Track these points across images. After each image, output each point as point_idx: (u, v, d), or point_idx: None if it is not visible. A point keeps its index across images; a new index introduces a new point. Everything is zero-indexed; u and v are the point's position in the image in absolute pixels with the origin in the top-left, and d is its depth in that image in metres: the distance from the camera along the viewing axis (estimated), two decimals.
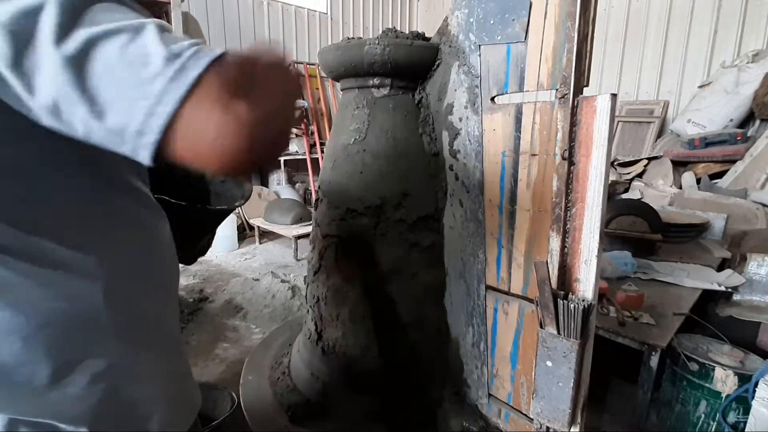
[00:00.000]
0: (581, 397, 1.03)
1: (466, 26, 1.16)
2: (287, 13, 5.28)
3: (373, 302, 1.43)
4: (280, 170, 5.06)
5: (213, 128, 0.38)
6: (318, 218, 1.55)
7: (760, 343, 1.72)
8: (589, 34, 0.94)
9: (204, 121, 0.39)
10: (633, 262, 2.06)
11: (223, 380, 2.00)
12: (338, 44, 1.34)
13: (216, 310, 2.81)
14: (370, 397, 1.45)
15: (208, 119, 0.38)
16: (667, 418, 1.66)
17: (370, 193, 1.37)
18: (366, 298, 1.43)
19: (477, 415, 1.39)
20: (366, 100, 1.38)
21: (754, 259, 1.89)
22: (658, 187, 3.59)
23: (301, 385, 1.58)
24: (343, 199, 1.42)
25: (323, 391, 1.52)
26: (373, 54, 1.26)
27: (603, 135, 0.92)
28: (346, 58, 1.33)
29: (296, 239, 3.83)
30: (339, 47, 1.34)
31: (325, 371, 1.53)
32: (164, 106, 0.38)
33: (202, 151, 0.40)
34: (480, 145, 1.20)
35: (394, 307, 1.42)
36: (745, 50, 3.76)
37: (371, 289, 1.42)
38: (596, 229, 0.96)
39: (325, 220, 1.49)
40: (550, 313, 0.99)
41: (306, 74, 5.19)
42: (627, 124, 4.44)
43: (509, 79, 1.09)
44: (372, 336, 1.45)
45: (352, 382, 1.47)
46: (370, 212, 1.38)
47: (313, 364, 1.58)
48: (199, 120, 0.39)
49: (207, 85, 0.39)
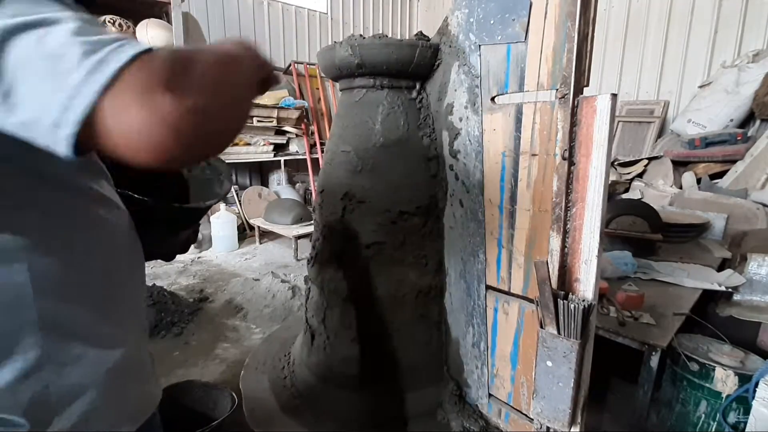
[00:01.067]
0: (581, 397, 1.03)
1: (466, 26, 1.16)
2: (287, 13, 5.28)
3: (372, 302, 1.43)
4: (281, 170, 5.06)
5: (136, 121, 0.37)
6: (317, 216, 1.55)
7: (760, 343, 1.72)
8: (590, 34, 0.94)
9: (126, 113, 0.37)
10: (633, 262, 2.05)
11: (223, 380, 2.00)
12: (328, 46, 1.37)
13: (216, 310, 2.81)
14: (370, 397, 1.45)
15: (130, 112, 0.37)
16: (667, 418, 1.65)
17: (367, 193, 1.38)
18: (364, 298, 1.43)
19: (477, 415, 1.39)
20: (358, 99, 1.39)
21: (755, 259, 1.89)
22: (658, 187, 3.59)
23: (302, 385, 1.58)
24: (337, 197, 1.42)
25: (324, 391, 1.52)
26: (344, 55, 1.29)
27: (603, 135, 0.92)
28: (328, 60, 1.36)
29: (296, 239, 3.83)
30: (326, 49, 1.36)
31: (325, 371, 1.53)
32: (81, 98, 0.37)
33: (126, 144, 0.39)
34: (480, 145, 1.20)
35: (394, 307, 1.42)
36: (746, 50, 3.76)
37: (370, 289, 1.42)
38: (596, 229, 0.96)
39: (322, 218, 1.49)
40: (550, 313, 0.99)
41: (306, 74, 5.19)
42: (627, 124, 4.44)
43: (509, 79, 1.09)
44: (371, 336, 1.45)
45: (352, 381, 1.47)
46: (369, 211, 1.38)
47: (312, 364, 1.58)
48: (120, 113, 0.37)
49: (128, 78, 0.38)
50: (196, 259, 3.87)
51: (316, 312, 1.57)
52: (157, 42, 3.69)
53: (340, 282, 1.46)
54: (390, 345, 1.44)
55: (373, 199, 1.37)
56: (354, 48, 1.26)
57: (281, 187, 5.04)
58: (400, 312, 1.42)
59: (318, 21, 5.62)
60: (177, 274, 3.49)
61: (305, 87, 5.16)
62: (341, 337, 1.48)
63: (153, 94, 0.38)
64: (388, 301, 1.41)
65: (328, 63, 1.36)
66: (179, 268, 3.60)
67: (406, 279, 1.40)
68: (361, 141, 1.38)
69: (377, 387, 1.46)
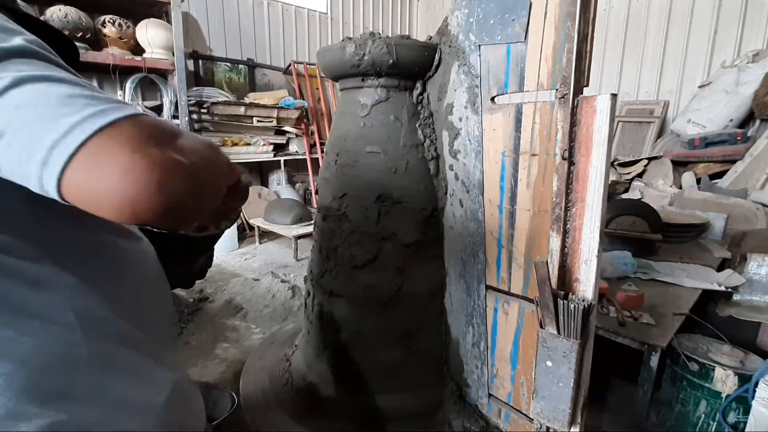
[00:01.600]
0: (581, 397, 1.03)
1: (466, 26, 1.16)
2: (287, 13, 5.27)
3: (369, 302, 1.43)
4: (280, 170, 5.06)
5: (120, 166, 0.38)
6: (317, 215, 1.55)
7: (760, 343, 1.72)
8: (589, 34, 0.94)
9: (110, 157, 0.38)
10: (633, 262, 2.06)
11: (223, 380, 2.00)
12: (328, 46, 1.36)
13: (216, 310, 2.81)
14: (370, 397, 1.45)
15: (115, 156, 0.38)
16: (667, 418, 1.66)
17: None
18: (362, 298, 1.43)
19: (477, 415, 1.39)
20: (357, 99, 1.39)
21: (754, 259, 1.89)
22: (658, 187, 3.59)
23: (302, 385, 1.58)
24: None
25: (324, 391, 1.52)
26: (352, 55, 1.28)
27: (603, 135, 0.92)
28: (329, 60, 1.36)
29: (296, 239, 3.83)
30: (327, 49, 1.36)
31: (325, 370, 1.53)
32: (72, 138, 0.37)
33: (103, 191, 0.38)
34: (480, 145, 1.20)
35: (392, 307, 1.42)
36: (745, 50, 3.76)
37: (368, 289, 1.42)
38: (596, 229, 0.96)
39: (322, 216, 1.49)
40: (550, 313, 0.99)
41: (306, 74, 5.19)
42: (627, 124, 4.44)
43: (509, 79, 1.09)
44: (368, 335, 1.45)
45: (352, 381, 1.47)
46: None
47: (313, 364, 1.58)
48: (105, 155, 0.38)
49: (122, 128, 0.39)
50: None
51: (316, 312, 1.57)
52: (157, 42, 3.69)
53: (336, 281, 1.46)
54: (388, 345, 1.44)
55: (410, 199, 1.37)
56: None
57: (281, 187, 5.04)
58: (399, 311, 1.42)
59: (318, 21, 5.62)
60: None
61: (305, 87, 5.16)
62: (338, 336, 1.48)
63: (144, 143, 0.39)
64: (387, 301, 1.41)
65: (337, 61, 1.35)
66: None
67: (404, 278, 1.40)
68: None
69: (377, 387, 1.46)
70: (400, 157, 1.37)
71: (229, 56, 4.78)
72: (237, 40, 4.86)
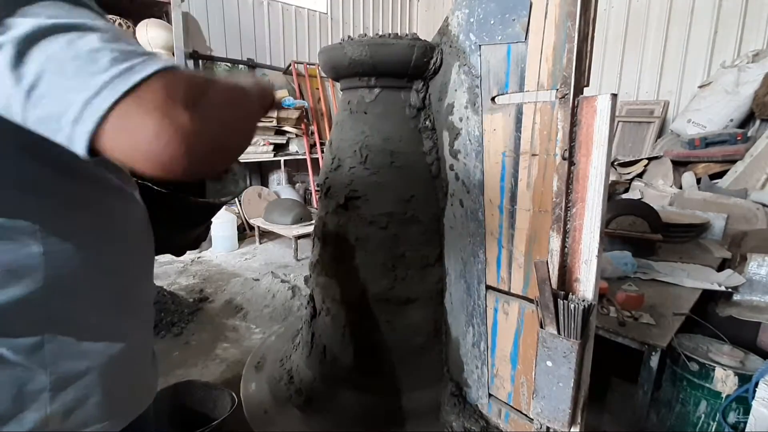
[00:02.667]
0: (581, 397, 1.03)
1: (467, 26, 1.16)
2: (287, 13, 5.28)
3: (369, 302, 1.43)
4: (280, 170, 5.06)
5: (150, 131, 0.39)
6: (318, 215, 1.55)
7: (760, 343, 1.71)
8: (590, 34, 0.94)
9: (141, 121, 0.39)
10: (633, 262, 2.05)
11: (223, 380, 2.00)
12: (329, 45, 1.37)
13: (216, 310, 2.81)
14: (370, 397, 1.45)
15: (145, 121, 0.39)
16: (667, 418, 1.66)
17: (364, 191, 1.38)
18: (361, 298, 1.43)
19: (477, 415, 1.39)
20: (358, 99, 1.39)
21: (754, 259, 1.89)
22: (658, 187, 3.59)
23: (302, 385, 1.58)
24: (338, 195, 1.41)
25: (324, 391, 1.52)
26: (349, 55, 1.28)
27: (603, 135, 0.92)
28: (330, 59, 1.36)
29: (296, 239, 3.83)
30: (327, 49, 1.36)
31: (324, 370, 1.53)
32: (102, 99, 0.38)
33: (137, 150, 0.40)
34: (480, 145, 1.20)
35: (391, 307, 1.42)
36: (745, 50, 3.76)
37: (367, 288, 1.42)
38: (596, 229, 0.96)
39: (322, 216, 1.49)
40: (550, 313, 0.99)
41: (306, 74, 5.19)
42: (627, 124, 4.44)
43: (509, 79, 1.09)
44: (368, 335, 1.45)
45: (352, 381, 1.47)
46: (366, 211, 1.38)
47: (313, 364, 1.58)
48: (136, 119, 0.39)
49: (151, 89, 0.39)
50: (196, 259, 3.87)
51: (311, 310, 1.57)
52: (157, 42, 3.69)
53: (335, 281, 1.46)
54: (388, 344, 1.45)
55: (410, 199, 1.38)
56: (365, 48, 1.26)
57: (281, 187, 5.04)
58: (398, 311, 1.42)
59: (318, 21, 5.62)
60: (177, 274, 3.49)
61: (305, 87, 5.16)
62: (337, 336, 1.48)
63: (172, 106, 0.40)
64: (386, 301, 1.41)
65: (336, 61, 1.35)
66: (179, 268, 3.60)
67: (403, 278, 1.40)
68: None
69: (377, 387, 1.46)
70: (401, 157, 1.37)
71: (229, 56, 4.78)
72: (237, 40, 4.86)
